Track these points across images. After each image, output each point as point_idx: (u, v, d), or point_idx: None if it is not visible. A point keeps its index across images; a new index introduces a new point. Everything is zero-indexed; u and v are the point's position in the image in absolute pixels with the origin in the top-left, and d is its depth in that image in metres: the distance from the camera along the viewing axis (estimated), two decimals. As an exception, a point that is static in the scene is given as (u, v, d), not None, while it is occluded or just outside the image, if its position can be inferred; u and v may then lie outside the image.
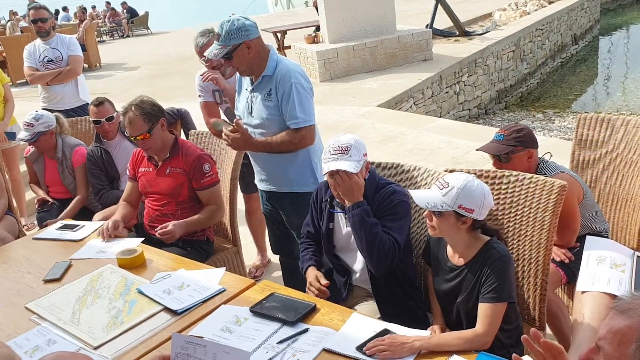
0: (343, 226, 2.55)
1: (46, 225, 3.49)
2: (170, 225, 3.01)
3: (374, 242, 2.34)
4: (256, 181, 3.20)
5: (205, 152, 3.27)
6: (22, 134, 4.01)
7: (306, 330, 2.07)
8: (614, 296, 1.99)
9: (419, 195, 2.15)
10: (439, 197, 2.09)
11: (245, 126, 2.93)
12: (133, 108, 3.10)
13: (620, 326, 1.09)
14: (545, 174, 2.63)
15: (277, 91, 2.82)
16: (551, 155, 2.82)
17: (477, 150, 2.78)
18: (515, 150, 2.64)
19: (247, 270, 3.88)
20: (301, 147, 2.87)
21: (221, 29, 2.78)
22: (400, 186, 2.56)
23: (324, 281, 2.46)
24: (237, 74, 3.08)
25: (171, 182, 3.17)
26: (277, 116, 2.85)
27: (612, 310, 1.12)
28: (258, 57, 2.84)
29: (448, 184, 2.09)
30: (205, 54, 2.98)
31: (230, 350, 1.60)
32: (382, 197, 2.46)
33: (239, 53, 2.78)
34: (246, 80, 3.01)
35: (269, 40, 3.11)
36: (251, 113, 2.94)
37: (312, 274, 2.53)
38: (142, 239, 3.05)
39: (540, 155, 2.77)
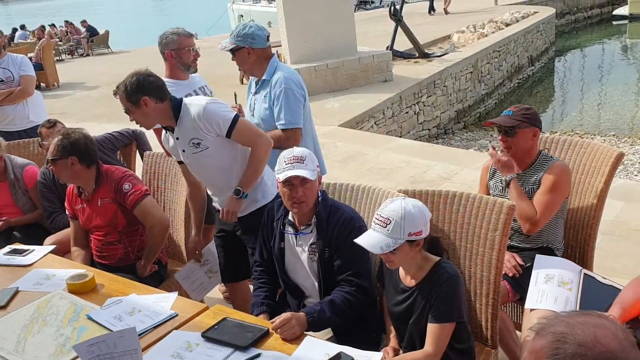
0: (294, 246, 2.55)
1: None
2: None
3: (344, 317, 2.36)
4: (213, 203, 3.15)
5: (126, 172, 3.21)
6: None
7: (258, 356, 2.05)
8: None
9: (369, 243, 2.08)
10: (386, 236, 2.04)
11: None
12: (60, 134, 3.14)
13: (535, 346, 1.10)
14: (547, 162, 2.77)
15: (270, 94, 3.17)
16: (548, 150, 2.97)
17: (484, 123, 2.96)
18: (521, 125, 2.77)
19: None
20: (286, 147, 2.77)
21: (236, 28, 3.19)
22: (351, 208, 2.56)
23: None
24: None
25: (105, 213, 3.14)
26: (270, 117, 3.20)
27: (531, 332, 1.14)
28: (257, 64, 3.22)
29: (388, 219, 2.05)
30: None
31: (122, 333, 1.88)
32: (339, 223, 2.43)
33: (241, 54, 3.18)
34: (252, 85, 3.39)
35: (228, 58, 3.28)
36: (252, 114, 3.32)
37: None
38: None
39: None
